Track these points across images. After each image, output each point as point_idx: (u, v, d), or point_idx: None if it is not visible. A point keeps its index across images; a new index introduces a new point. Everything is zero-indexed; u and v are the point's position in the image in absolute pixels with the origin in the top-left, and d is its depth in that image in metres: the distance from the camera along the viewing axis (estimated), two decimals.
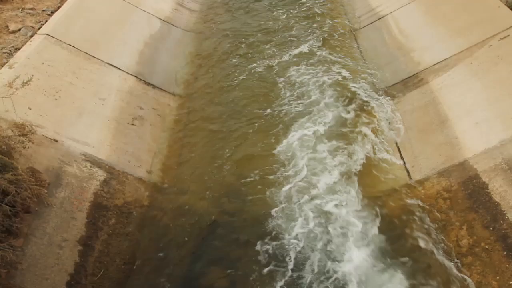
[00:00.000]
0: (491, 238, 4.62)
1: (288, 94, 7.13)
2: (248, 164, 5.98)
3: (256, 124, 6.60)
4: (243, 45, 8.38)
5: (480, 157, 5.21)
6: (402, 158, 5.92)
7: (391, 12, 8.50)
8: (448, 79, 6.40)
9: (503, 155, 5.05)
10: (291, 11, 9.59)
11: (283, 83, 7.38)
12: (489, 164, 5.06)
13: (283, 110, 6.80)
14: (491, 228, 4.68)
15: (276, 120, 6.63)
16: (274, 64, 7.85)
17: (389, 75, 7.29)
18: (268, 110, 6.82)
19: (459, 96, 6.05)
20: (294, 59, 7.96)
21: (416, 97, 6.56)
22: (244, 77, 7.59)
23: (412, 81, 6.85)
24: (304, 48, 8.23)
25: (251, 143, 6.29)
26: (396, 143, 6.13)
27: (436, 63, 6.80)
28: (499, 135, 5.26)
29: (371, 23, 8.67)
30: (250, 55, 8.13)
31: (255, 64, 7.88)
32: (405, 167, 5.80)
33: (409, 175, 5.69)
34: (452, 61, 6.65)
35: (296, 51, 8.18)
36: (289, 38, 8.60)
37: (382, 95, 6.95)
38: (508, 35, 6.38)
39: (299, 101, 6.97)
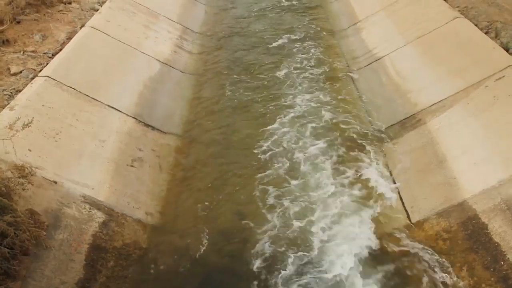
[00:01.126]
0: (492, 279, 4.65)
1: (288, 134, 7.27)
2: (249, 206, 6.05)
3: (255, 165, 6.69)
4: (241, 89, 8.54)
5: (479, 197, 5.28)
6: (401, 198, 5.99)
7: (388, 54, 8.73)
8: (445, 120, 6.54)
9: (501, 195, 5.12)
10: (289, 50, 9.88)
11: (280, 123, 7.52)
12: (488, 204, 5.13)
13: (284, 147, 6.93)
14: (492, 269, 4.71)
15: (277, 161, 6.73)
16: (271, 106, 8.01)
17: (387, 116, 7.43)
18: (268, 154, 6.93)
19: (457, 137, 6.18)
20: (292, 101, 8.13)
21: (414, 138, 6.69)
22: (243, 119, 7.73)
23: (410, 122, 6.99)
24: (302, 89, 8.42)
25: (252, 186, 6.36)
26: (395, 184, 6.22)
27: (433, 104, 6.96)
28: (497, 175, 5.34)
29: (368, 64, 8.89)
30: (249, 97, 8.29)
31: (255, 105, 8.04)
32: (404, 208, 5.86)
33: (408, 216, 5.74)
34: (449, 101, 6.81)
35: (294, 91, 8.38)
36: (287, 78, 8.82)
37: (380, 136, 7.07)
38: (504, 76, 6.56)
39: (297, 144, 7.12)
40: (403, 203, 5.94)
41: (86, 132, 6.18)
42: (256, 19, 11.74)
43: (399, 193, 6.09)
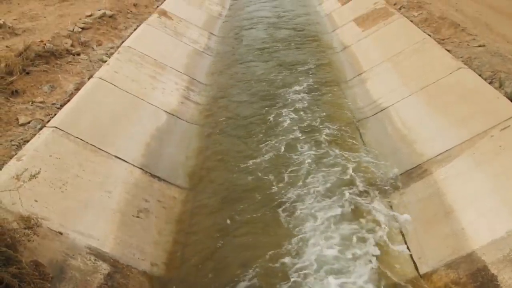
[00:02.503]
0: None
1: (290, 187, 7.33)
2: (253, 257, 6.04)
3: (260, 216, 6.73)
4: (247, 140, 8.67)
5: (488, 248, 5.28)
6: (408, 249, 5.98)
7: (393, 104, 8.87)
8: (452, 170, 6.59)
9: (510, 246, 5.11)
10: (294, 100, 10.06)
11: (286, 174, 7.58)
12: (497, 255, 5.12)
13: (286, 204, 6.96)
14: None
15: (279, 213, 6.77)
16: (273, 157, 8.12)
17: (393, 166, 7.49)
18: (276, 203, 6.98)
19: (463, 187, 6.22)
20: (295, 151, 8.23)
21: (420, 188, 6.73)
22: (249, 169, 7.81)
23: (416, 172, 7.05)
24: (308, 138, 8.53)
25: (256, 239, 6.37)
26: (402, 235, 6.21)
27: (439, 154, 7.03)
28: (506, 225, 5.35)
29: (373, 114, 9.02)
30: (254, 148, 8.40)
31: (261, 156, 8.14)
32: (412, 259, 5.84)
33: (416, 267, 5.72)
34: (454, 151, 6.88)
35: (300, 140, 8.50)
36: (292, 127, 8.94)
37: (386, 187, 7.12)
38: (509, 126, 6.65)
39: (302, 189, 7.21)
40: (411, 255, 5.92)
41: (93, 182, 6.26)
42: (262, 70, 11.99)
43: (406, 244, 6.08)
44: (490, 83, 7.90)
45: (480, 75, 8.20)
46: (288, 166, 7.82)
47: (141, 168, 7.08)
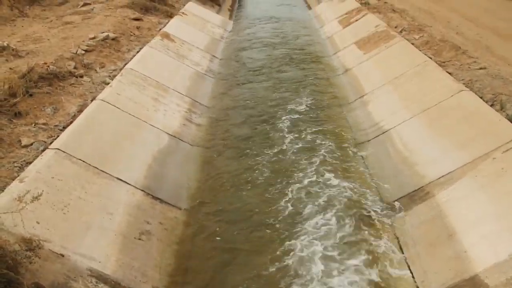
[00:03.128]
0: None
1: (291, 208, 7.35)
2: (255, 280, 6.03)
3: (262, 238, 6.73)
4: (249, 162, 8.71)
5: (491, 271, 5.27)
6: (411, 273, 5.97)
7: (395, 127, 8.92)
8: (454, 192, 6.61)
9: None
10: (296, 122, 10.12)
11: (287, 201, 7.60)
12: (500, 278, 5.11)
13: (288, 228, 6.97)
14: None
15: (278, 239, 6.77)
16: (279, 178, 8.14)
17: (395, 189, 7.52)
18: (271, 225, 7.00)
19: (466, 209, 6.23)
20: (297, 172, 8.26)
21: (422, 211, 6.74)
22: (252, 193, 7.83)
23: (418, 195, 7.06)
24: (309, 159, 8.56)
25: (259, 261, 6.36)
26: (405, 258, 6.20)
27: (441, 176, 7.05)
28: (509, 248, 5.35)
29: (375, 137, 9.07)
30: (257, 171, 8.43)
31: (262, 179, 8.16)
32: (415, 282, 5.83)
33: None
34: (456, 174, 6.90)
35: (301, 161, 8.54)
36: (293, 149, 9.00)
37: (388, 209, 7.13)
38: (511, 148, 6.71)
39: (303, 210, 7.24)
40: (413, 278, 5.91)
41: (95, 204, 6.28)
42: (264, 92, 12.10)
43: (409, 267, 6.07)
44: (491, 105, 7.97)
45: (481, 98, 8.27)
46: (289, 188, 7.84)
47: (143, 190, 7.10)
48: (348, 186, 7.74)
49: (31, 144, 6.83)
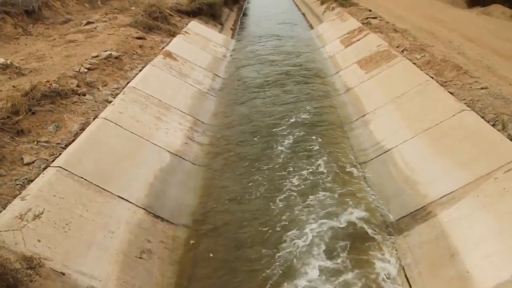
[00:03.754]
0: None
1: (293, 228, 7.34)
2: None
3: (262, 258, 6.73)
4: (250, 181, 8.71)
5: None
6: None
7: (396, 146, 8.95)
8: (456, 212, 6.61)
9: None
10: (297, 141, 10.19)
11: (288, 220, 7.60)
12: None
13: (287, 247, 6.96)
14: None
15: (279, 259, 6.76)
16: (279, 196, 8.17)
17: (397, 208, 7.52)
18: (271, 245, 7.01)
19: (468, 229, 6.23)
20: (299, 193, 8.28)
21: (425, 230, 6.74)
22: (253, 211, 7.84)
23: (420, 214, 7.07)
24: (311, 179, 8.57)
25: (259, 281, 6.35)
26: (407, 278, 6.18)
27: (443, 196, 7.06)
28: (511, 268, 5.34)
29: (377, 156, 9.09)
30: (258, 189, 8.44)
31: (264, 198, 8.18)
32: None
33: None
34: (458, 193, 6.91)
35: (303, 181, 8.54)
36: (295, 168, 9.01)
37: (390, 229, 7.12)
38: None
39: (305, 230, 7.21)
40: None
41: (96, 222, 6.29)
42: (265, 111, 12.18)
43: (410, 287, 6.05)
44: (493, 125, 8.00)
45: (483, 117, 8.31)
46: (291, 208, 7.85)
47: (144, 209, 7.11)
48: (349, 205, 7.74)
49: (33, 162, 6.86)
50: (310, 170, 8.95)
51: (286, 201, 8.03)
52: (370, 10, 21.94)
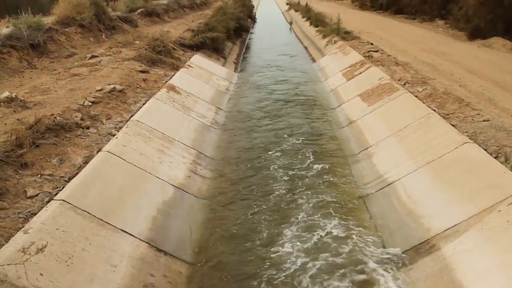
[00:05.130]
0: None
1: (295, 263, 7.31)
2: None
3: None
4: (254, 215, 8.73)
5: None
6: None
7: (399, 179, 8.98)
8: (460, 245, 6.60)
9: None
10: (299, 174, 10.18)
11: (291, 249, 7.58)
12: None
13: (291, 282, 6.92)
14: None
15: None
16: (282, 230, 8.16)
17: (400, 242, 7.50)
18: (276, 281, 6.96)
19: (473, 262, 6.21)
20: (305, 226, 8.27)
21: (428, 264, 6.71)
22: (257, 244, 7.82)
23: (424, 247, 7.05)
24: (313, 212, 8.58)
25: None
26: None
27: (447, 229, 7.06)
28: None
29: (380, 189, 9.11)
30: (261, 224, 8.44)
31: (267, 231, 8.17)
32: None
33: None
34: (462, 226, 6.91)
35: (306, 215, 8.54)
36: (297, 201, 9.02)
37: (394, 262, 7.09)
38: None
39: (308, 266, 7.17)
40: None
41: (98, 256, 6.29)
42: (269, 144, 12.25)
43: None
44: (496, 157, 8.03)
45: (485, 150, 8.35)
46: (294, 242, 7.83)
47: (147, 242, 7.12)
48: (352, 239, 7.73)
49: (37, 195, 6.90)
50: (312, 203, 8.95)
51: (289, 235, 8.01)
52: (372, 44, 22.23)
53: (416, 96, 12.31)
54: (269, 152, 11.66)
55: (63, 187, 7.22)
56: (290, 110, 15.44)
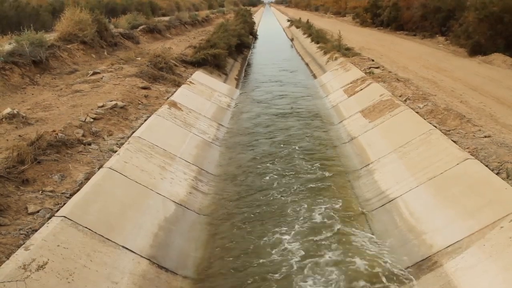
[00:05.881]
0: None
1: (298, 280, 7.29)
2: None
3: None
4: (256, 232, 8.72)
5: None
6: None
7: (401, 195, 8.98)
8: (462, 262, 6.59)
9: None
10: (300, 193, 10.20)
11: (294, 273, 7.54)
12: None
13: None
14: None
15: None
16: (281, 250, 8.12)
17: (403, 258, 7.48)
18: None
19: (475, 278, 6.20)
20: (306, 243, 8.25)
21: (431, 281, 6.69)
22: (256, 265, 7.79)
23: (426, 264, 7.04)
24: (316, 230, 8.56)
25: None
26: None
27: (449, 246, 7.05)
28: None
29: (381, 206, 9.10)
30: (261, 241, 8.42)
31: (268, 245, 8.16)
32: None
33: None
34: (464, 243, 6.90)
35: (308, 233, 8.52)
36: (300, 218, 9.01)
37: (396, 279, 7.07)
38: None
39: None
40: None
41: (100, 273, 6.29)
42: (271, 160, 12.28)
43: None
44: (497, 173, 8.05)
45: (487, 166, 8.36)
46: (296, 259, 7.81)
47: (148, 259, 7.11)
48: (354, 255, 7.71)
49: (38, 211, 6.91)
50: (314, 220, 8.95)
51: (291, 253, 7.99)
52: (373, 60, 22.34)
53: (417, 113, 12.36)
54: (270, 169, 11.68)
55: (64, 204, 7.23)
56: (291, 126, 15.49)
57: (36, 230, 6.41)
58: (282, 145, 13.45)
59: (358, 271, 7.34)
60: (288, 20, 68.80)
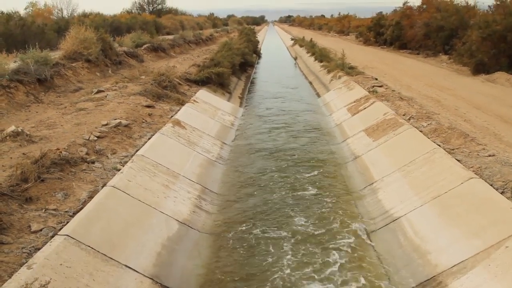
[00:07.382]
0: None
1: None
2: None
3: None
4: (260, 252, 8.68)
5: None
6: None
7: (405, 214, 8.95)
8: (467, 282, 6.55)
9: None
10: (304, 209, 10.17)
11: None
12: None
13: None
14: None
15: None
16: (285, 273, 8.05)
17: (407, 278, 7.44)
18: None
19: None
20: (310, 263, 8.22)
21: None
22: (259, 280, 7.77)
23: (431, 284, 6.99)
24: (320, 251, 8.53)
25: None
26: None
27: (454, 265, 7.01)
28: None
29: (385, 225, 9.07)
30: (264, 261, 8.37)
31: (270, 268, 8.12)
32: None
33: None
34: (469, 263, 6.86)
35: (311, 254, 8.49)
36: (302, 240, 8.98)
37: None
38: None
39: None
40: None
41: None
42: (275, 180, 12.27)
43: None
44: (502, 193, 8.02)
45: (491, 185, 8.34)
46: (296, 277, 7.76)
47: (151, 278, 7.08)
48: (359, 276, 7.66)
49: (41, 230, 6.90)
50: (318, 240, 8.92)
51: (294, 272, 7.96)
52: (376, 79, 22.43)
53: (421, 131, 12.37)
54: (274, 188, 11.67)
55: (68, 222, 7.22)
56: (295, 145, 15.52)
57: (39, 249, 6.40)
58: (285, 164, 13.44)
59: None
60: (292, 39, 69.21)
